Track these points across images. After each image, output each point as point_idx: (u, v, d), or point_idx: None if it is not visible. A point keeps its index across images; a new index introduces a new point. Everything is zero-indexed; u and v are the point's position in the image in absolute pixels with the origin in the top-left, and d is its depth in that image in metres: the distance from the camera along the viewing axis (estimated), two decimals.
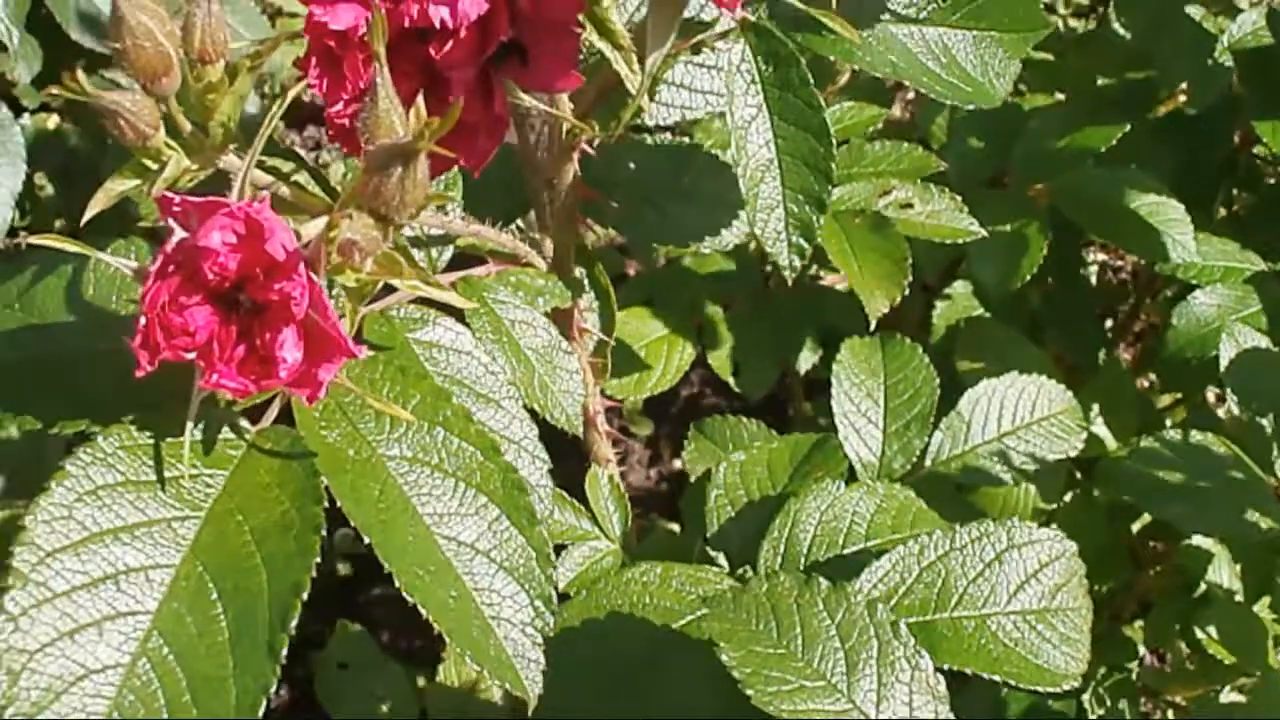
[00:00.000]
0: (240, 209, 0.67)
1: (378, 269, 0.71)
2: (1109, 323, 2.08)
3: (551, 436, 0.91)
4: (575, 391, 0.95)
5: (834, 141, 0.90)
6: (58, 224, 2.24)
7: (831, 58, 0.92)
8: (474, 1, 0.73)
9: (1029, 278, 1.54)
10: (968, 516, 1.34)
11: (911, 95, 2.41)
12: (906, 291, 1.27)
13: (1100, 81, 1.79)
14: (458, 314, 0.90)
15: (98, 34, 1.73)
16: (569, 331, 1.06)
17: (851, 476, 1.24)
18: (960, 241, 1.39)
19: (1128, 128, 1.64)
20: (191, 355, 0.69)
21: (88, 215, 0.74)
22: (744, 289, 1.69)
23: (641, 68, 0.79)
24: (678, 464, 2.22)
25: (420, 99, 0.71)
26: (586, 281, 1.10)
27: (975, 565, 0.96)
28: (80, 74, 0.67)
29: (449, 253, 0.97)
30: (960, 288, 1.79)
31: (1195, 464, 1.27)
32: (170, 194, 0.67)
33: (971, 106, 0.97)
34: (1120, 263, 2.45)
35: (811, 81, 0.90)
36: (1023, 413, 1.37)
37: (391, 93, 0.69)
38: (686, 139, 1.19)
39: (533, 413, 0.92)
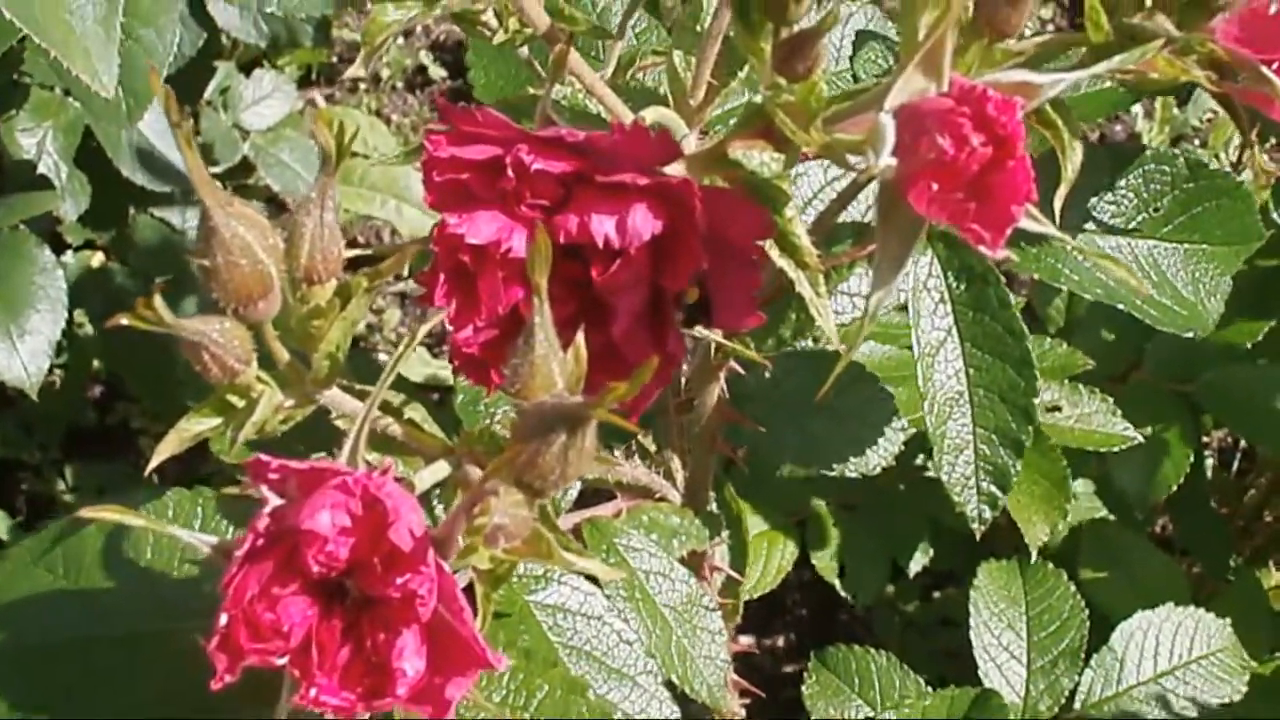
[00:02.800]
0: (357, 482, 0.52)
1: (521, 547, 0.57)
2: None
3: None
4: (719, 657, 0.80)
5: (1037, 374, 0.76)
6: (95, 364, 2.12)
7: (1035, 275, 0.77)
8: (648, 217, 0.59)
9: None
10: None
11: None
12: (1068, 518, 1.12)
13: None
14: None
15: (151, 170, 1.63)
16: (700, 571, 0.91)
17: None
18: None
19: (1273, 323, 1.50)
20: (283, 661, 0.54)
21: (154, 462, 0.59)
22: (850, 482, 1.53)
23: (814, 294, 0.65)
24: (743, 639, 2.06)
25: (580, 338, 0.57)
26: (714, 506, 0.95)
27: None
28: (158, 300, 0.53)
29: (575, 490, 0.82)
30: (1081, 487, 1.64)
31: None
32: (264, 458, 0.53)
33: (1190, 333, 0.82)
34: (1206, 438, 2.30)
35: (1012, 302, 0.76)
36: (1181, 651, 1.22)
37: (552, 336, 0.55)
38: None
39: (668, 683, 0.77)
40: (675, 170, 0.58)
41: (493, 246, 0.61)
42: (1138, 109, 2.75)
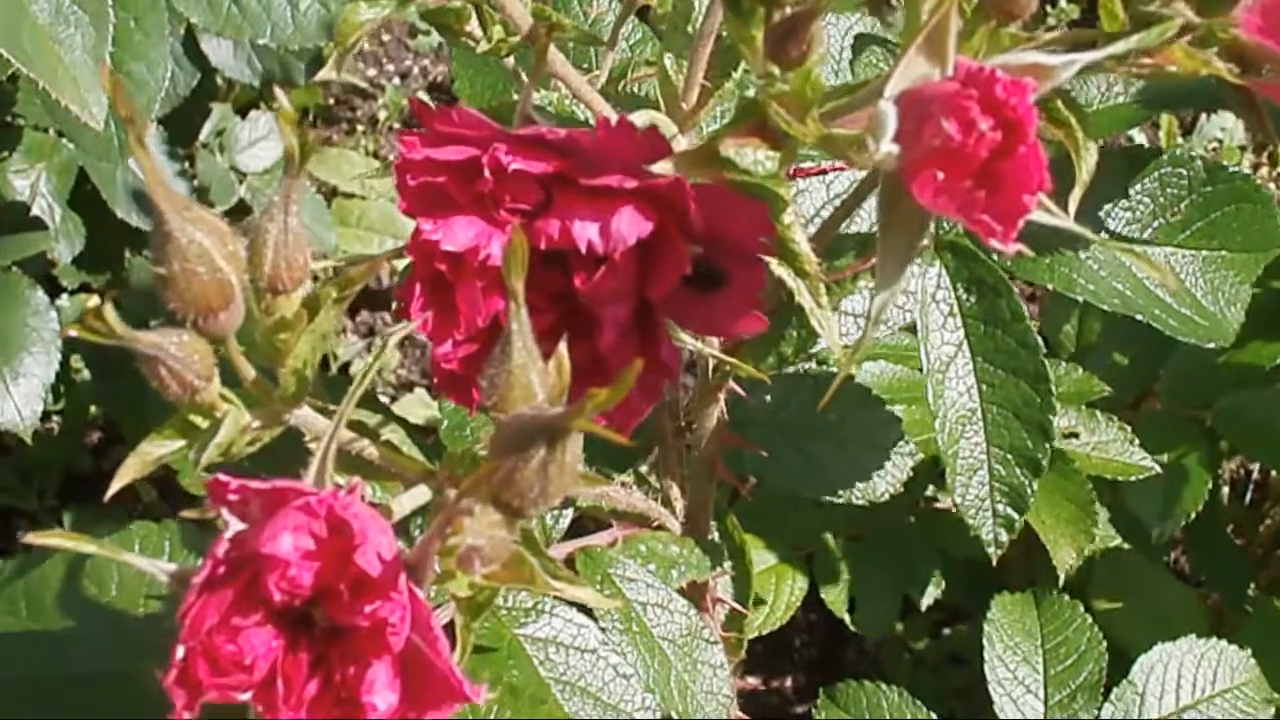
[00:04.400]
0: (321, 502, 0.48)
1: (501, 573, 0.53)
2: None
3: None
4: (720, 692, 0.76)
5: (1053, 389, 0.72)
6: (92, 409, 2.08)
7: (1049, 285, 0.73)
8: (633, 220, 0.55)
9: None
10: None
11: None
12: (1095, 540, 1.09)
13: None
14: None
15: (146, 211, 1.61)
16: (701, 603, 0.87)
17: None
18: None
19: None
20: (246, 696, 0.50)
21: (114, 487, 0.56)
22: (860, 514, 1.49)
23: (816, 304, 0.61)
24: (750, 680, 2.02)
25: (563, 347, 0.53)
26: (716, 536, 0.91)
27: None
28: (109, 309, 0.50)
29: (567, 519, 0.78)
30: None
31: None
32: (223, 478, 0.49)
33: (1211, 344, 0.79)
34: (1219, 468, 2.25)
35: (1026, 315, 0.72)
36: (1203, 684, 1.18)
37: (530, 344, 0.51)
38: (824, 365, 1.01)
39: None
40: (663, 169, 0.54)
41: (470, 254, 0.57)
42: (1141, 138, 2.73)
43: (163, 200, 0.51)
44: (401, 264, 0.81)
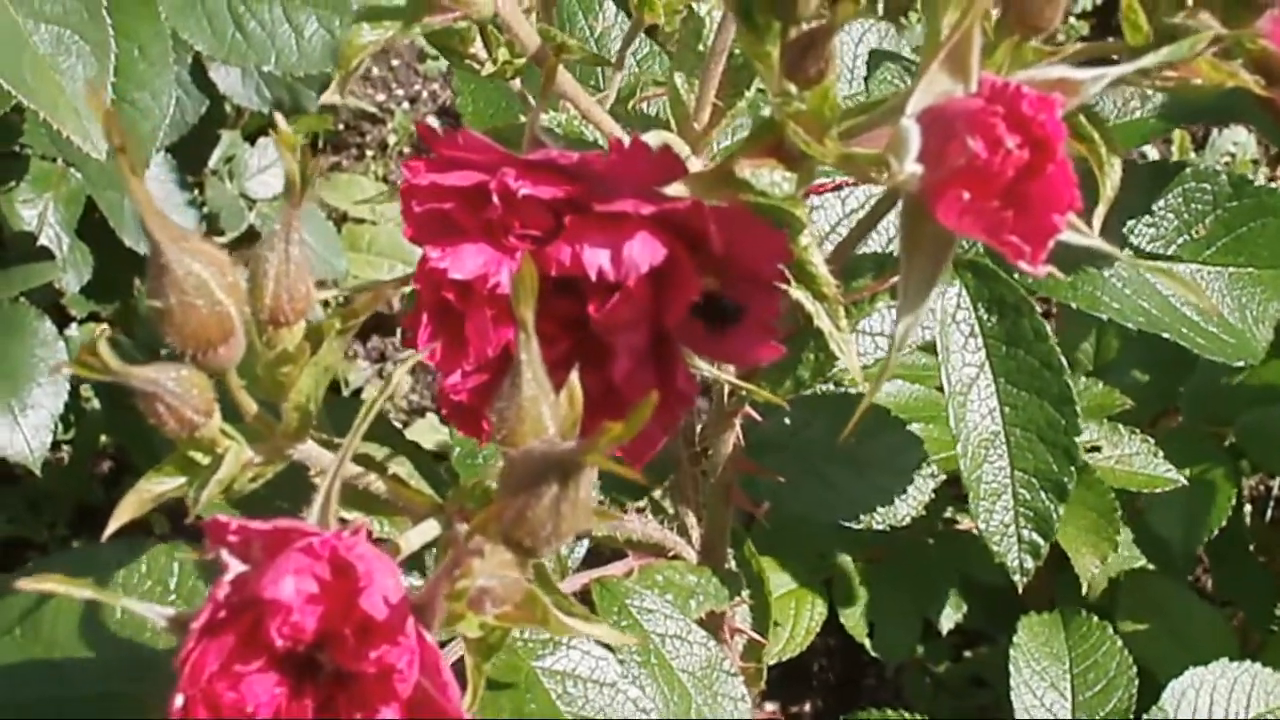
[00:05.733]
0: (324, 544, 0.46)
1: (514, 612, 0.51)
2: None
3: None
4: None
5: (1078, 411, 0.70)
6: (103, 440, 2.07)
7: (1072, 304, 0.71)
8: (646, 247, 0.54)
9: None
10: None
11: None
12: (1118, 549, 1.07)
13: None
14: None
15: None
16: (719, 633, 0.85)
17: None
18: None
19: None
20: None
21: (112, 525, 0.54)
22: (879, 536, 1.47)
23: (835, 327, 0.59)
24: (769, 707, 1.99)
25: (574, 377, 0.51)
26: (734, 564, 0.89)
27: None
28: (103, 346, 0.48)
29: (582, 549, 0.76)
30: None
31: None
32: (222, 518, 0.47)
33: (1240, 363, 0.77)
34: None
35: (1050, 335, 0.70)
36: (1236, 709, 1.16)
37: (542, 375, 0.49)
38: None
39: None
40: (677, 191, 0.52)
41: (479, 282, 0.55)
42: (1153, 154, 2.71)
43: (158, 230, 0.49)
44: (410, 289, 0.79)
